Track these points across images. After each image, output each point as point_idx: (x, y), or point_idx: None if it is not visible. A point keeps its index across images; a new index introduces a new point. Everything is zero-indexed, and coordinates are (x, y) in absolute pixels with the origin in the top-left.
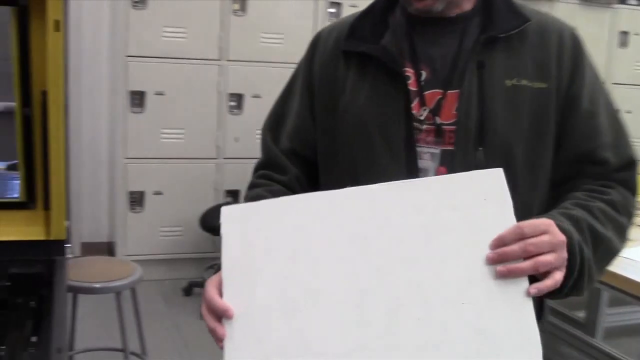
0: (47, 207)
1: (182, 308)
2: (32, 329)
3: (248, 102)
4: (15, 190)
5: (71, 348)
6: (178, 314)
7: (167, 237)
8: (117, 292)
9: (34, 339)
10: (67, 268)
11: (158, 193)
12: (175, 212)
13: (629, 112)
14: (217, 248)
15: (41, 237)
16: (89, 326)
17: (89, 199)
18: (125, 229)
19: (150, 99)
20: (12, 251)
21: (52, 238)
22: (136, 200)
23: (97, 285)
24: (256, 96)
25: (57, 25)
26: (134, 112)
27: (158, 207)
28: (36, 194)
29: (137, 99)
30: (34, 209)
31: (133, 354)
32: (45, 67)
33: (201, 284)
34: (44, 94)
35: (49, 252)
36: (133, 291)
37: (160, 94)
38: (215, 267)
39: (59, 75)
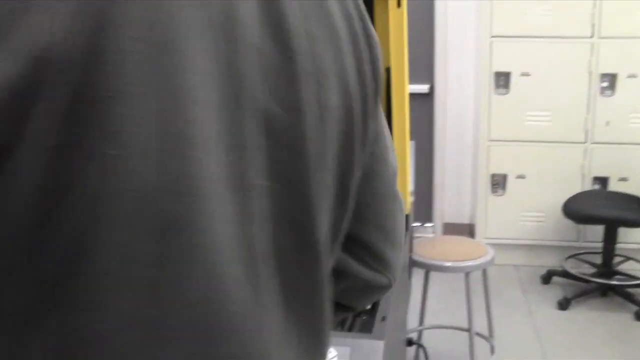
0: None
1: (538, 296)
2: None
3: (622, 82)
4: None
5: (421, 323)
6: (533, 302)
7: (527, 223)
8: (467, 273)
9: (368, 306)
10: (410, 243)
11: (521, 177)
12: (537, 197)
13: None
14: (580, 237)
15: None
16: (439, 304)
17: (453, 179)
18: (486, 211)
19: (515, 80)
20: None
21: None
22: (498, 183)
23: (448, 264)
24: (631, 76)
25: (398, 2)
26: (498, 94)
27: (520, 191)
28: None
29: (503, 80)
30: None
31: (479, 335)
32: (387, 44)
33: (561, 273)
34: (387, 71)
35: None
36: (484, 273)
37: (526, 74)
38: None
39: (402, 52)
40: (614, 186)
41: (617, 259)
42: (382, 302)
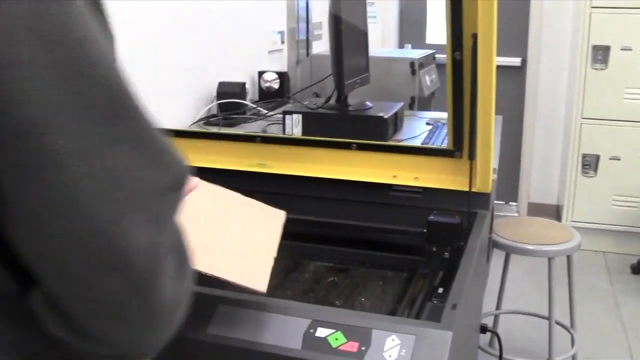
0: (471, 157)
1: (627, 286)
2: (441, 280)
3: None
4: None
5: (497, 307)
6: (620, 292)
7: (619, 207)
8: (550, 257)
9: (440, 290)
10: (491, 223)
11: (615, 158)
12: (632, 180)
13: None
14: None
15: (464, 188)
16: (520, 288)
17: (541, 158)
18: (574, 193)
19: (614, 55)
20: (434, 199)
21: (475, 190)
22: (589, 164)
23: (530, 247)
24: None
25: None
26: (595, 69)
27: (613, 173)
28: (463, 143)
29: (601, 54)
30: (459, 158)
31: (559, 324)
32: (476, 8)
33: None
34: (474, 37)
35: (471, 204)
36: (569, 258)
37: (627, 49)
38: None
39: (490, 17)
40: None
41: None
42: (454, 287)
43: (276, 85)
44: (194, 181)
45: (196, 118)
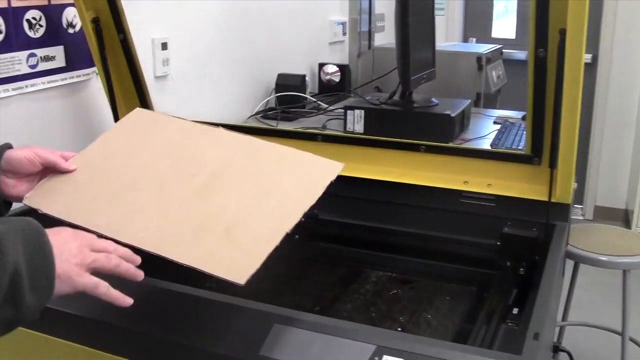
0: (552, 165)
1: None
2: (515, 298)
3: None
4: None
5: (564, 318)
6: None
7: None
8: (625, 270)
9: (515, 310)
10: (567, 236)
11: None
12: None
13: None
14: None
15: (542, 198)
16: (589, 298)
17: (610, 159)
18: None
19: None
20: (508, 208)
21: (555, 200)
22: None
23: (603, 258)
24: None
25: None
26: None
27: None
28: (543, 149)
29: None
30: (538, 165)
31: (633, 341)
32: (565, 2)
33: None
34: (562, 32)
35: (550, 215)
36: None
37: None
38: None
39: (582, 12)
40: None
41: None
42: (536, 312)
43: (337, 79)
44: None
45: (254, 111)
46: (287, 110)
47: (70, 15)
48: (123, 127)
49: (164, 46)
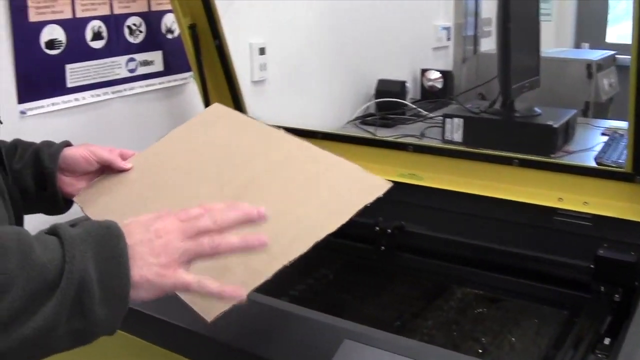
0: None
1: None
2: (608, 327)
3: None
4: None
5: None
6: None
7: None
8: None
9: (606, 340)
10: None
11: None
12: None
13: None
14: None
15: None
16: None
17: None
18: None
19: None
20: (605, 229)
21: None
22: None
23: None
24: None
25: None
26: None
27: None
28: None
29: None
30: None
31: None
32: None
33: None
34: None
35: None
36: None
37: None
38: None
39: None
40: None
41: None
42: (627, 344)
43: (439, 85)
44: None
45: (353, 116)
46: (386, 116)
47: (169, 21)
48: (196, 122)
49: (262, 51)
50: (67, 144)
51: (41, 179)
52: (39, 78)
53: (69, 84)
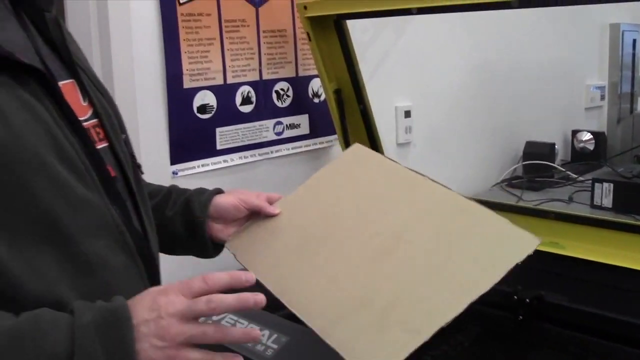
0: None
1: None
2: None
3: None
4: None
5: None
6: None
7: None
8: None
9: None
10: None
11: None
12: None
13: None
14: None
15: None
16: None
17: None
18: None
19: None
20: None
21: None
22: None
23: None
24: None
25: None
26: None
27: None
28: None
29: None
30: None
31: None
32: None
33: None
34: None
35: None
36: None
37: None
38: None
39: None
40: None
41: None
42: None
43: (591, 147)
44: None
45: (499, 179)
46: (534, 179)
47: (316, 85)
48: (338, 164)
49: (407, 114)
50: (218, 191)
51: (191, 227)
52: (190, 141)
53: (219, 147)
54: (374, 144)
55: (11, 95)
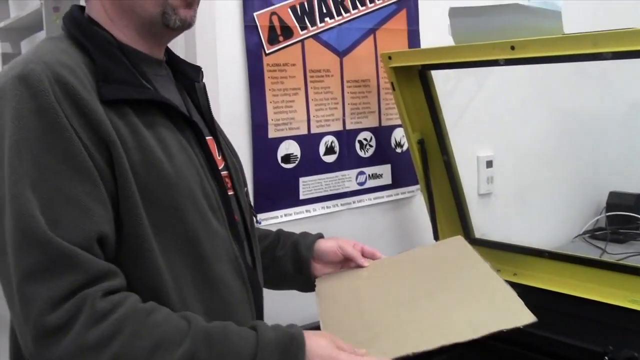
0: None
1: None
2: None
3: None
4: None
5: None
6: None
7: None
8: None
9: None
10: None
11: None
12: None
13: None
14: None
15: None
16: None
17: None
18: None
19: None
20: None
21: None
22: None
23: None
24: None
25: None
26: None
27: None
28: None
29: None
30: None
31: None
32: None
33: None
34: None
35: None
36: None
37: None
38: None
39: None
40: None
41: None
42: None
43: None
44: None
45: (582, 230)
46: (618, 231)
47: (399, 135)
48: (434, 248)
49: (489, 164)
50: (320, 236)
51: (299, 265)
52: (274, 190)
53: (302, 196)
54: (457, 195)
55: (174, 139)
